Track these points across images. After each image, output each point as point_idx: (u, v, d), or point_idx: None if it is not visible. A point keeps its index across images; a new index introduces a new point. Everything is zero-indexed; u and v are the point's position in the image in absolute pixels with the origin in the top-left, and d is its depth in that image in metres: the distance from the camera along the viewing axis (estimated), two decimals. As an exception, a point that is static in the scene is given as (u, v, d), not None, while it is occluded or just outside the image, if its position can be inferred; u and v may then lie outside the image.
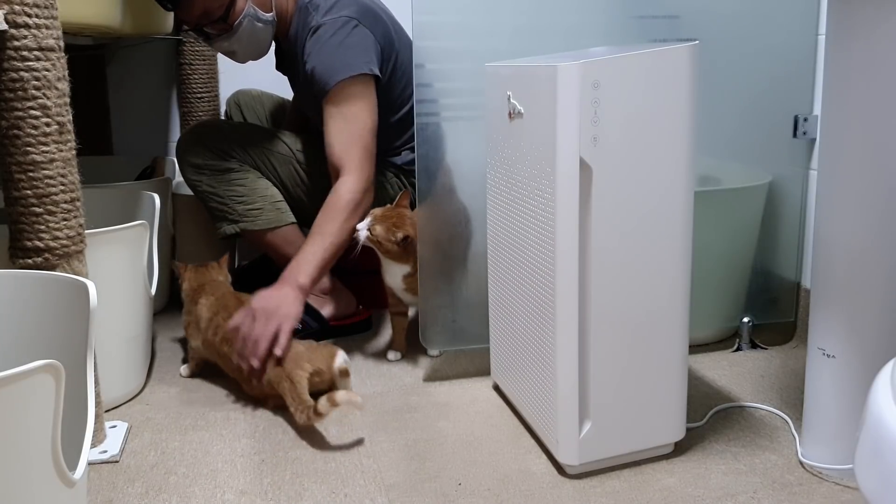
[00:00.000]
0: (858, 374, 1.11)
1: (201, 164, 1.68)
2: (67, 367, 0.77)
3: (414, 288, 1.57)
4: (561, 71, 1.06)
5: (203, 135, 1.70)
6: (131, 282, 1.45)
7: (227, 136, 1.70)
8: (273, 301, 1.39)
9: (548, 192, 1.12)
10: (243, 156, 1.70)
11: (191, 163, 1.69)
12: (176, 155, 1.73)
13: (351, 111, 1.54)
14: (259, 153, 1.72)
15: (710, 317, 1.66)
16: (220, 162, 1.68)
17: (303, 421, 1.28)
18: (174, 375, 1.58)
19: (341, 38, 1.55)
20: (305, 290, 1.45)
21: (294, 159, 1.75)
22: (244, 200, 1.69)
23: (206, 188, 1.69)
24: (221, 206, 1.70)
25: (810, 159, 1.65)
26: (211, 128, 1.73)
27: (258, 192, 1.70)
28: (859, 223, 1.08)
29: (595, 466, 1.19)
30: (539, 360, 1.21)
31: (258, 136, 1.75)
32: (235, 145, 1.70)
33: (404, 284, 1.59)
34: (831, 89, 1.10)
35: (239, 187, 1.69)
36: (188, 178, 1.71)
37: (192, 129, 1.75)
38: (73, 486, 0.81)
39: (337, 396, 1.26)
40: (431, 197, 1.49)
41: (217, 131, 1.72)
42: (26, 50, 1.08)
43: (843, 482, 1.15)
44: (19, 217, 1.14)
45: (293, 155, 1.75)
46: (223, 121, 1.76)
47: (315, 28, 1.57)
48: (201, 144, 1.69)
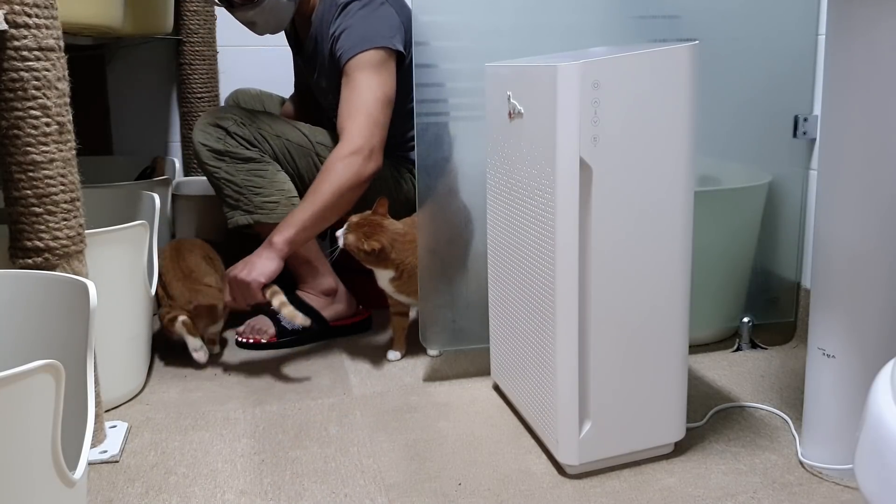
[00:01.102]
0: (858, 374, 1.11)
1: (222, 150, 1.66)
2: (67, 367, 0.77)
3: (404, 290, 1.57)
4: (561, 71, 1.06)
5: (225, 120, 1.67)
6: (131, 282, 1.45)
7: (249, 125, 1.69)
8: (246, 264, 1.51)
9: (548, 192, 1.12)
10: (264, 145, 1.69)
11: (211, 148, 1.66)
12: (194, 138, 1.69)
13: (365, 81, 1.56)
14: (280, 144, 1.72)
15: (710, 317, 1.66)
16: (241, 150, 1.67)
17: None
18: (174, 375, 1.58)
19: (368, 12, 1.59)
20: (279, 249, 1.50)
21: (314, 152, 1.75)
22: (261, 192, 1.68)
23: (225, 175, 1.67)
24: (237, 195, 1.68)
25: (810, 159, 1.65)
26: (233, 114, 1.70)
27: (276, 186, 1.69)
28: (859, 223, 1.08)
29: (595, 466, 1.19)
30: (539, 360, 1.21)
31: (279, 126, 1.75)
32: (257, 134, 1.69)
33: (392, 287, 1.58)
34: (831, 89, 1.10)
35: (258, 178, 1.68)
36: (206, 164, 1.68)
37: (212, 113, 1.71)
38: (73, 486, 0.81)
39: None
40: (432, 197, 1.49)
41: (239, 118, 1.70)
42: (26, 50, 1.08)
43: (843, 482, 1.15)
44: (19, 217, 1.14)
45: (312, 148, 1.75)
46: (243, 109, 1.75)
47: (344, 4, 1.60)
48: (223, 130, 1.66)
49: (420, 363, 1.63)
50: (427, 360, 1.64)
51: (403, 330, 1.67)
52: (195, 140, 1.69)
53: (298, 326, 1.73)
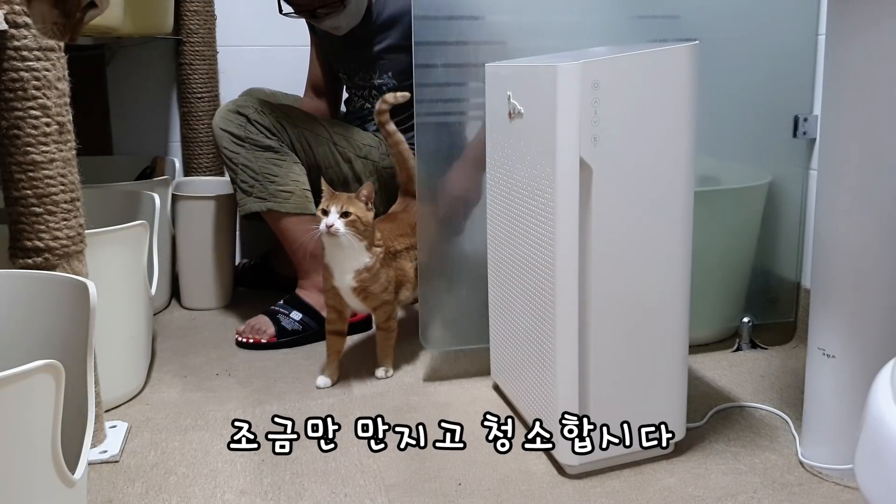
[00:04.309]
0: (858, 374, 1.11)
1: (243, 136, 1.70)
2: (67, 367, 0.77)
3: (370, 288, 1.50)
4: (561, 71, 1.06)
5: (246, 108, 1.72)
6: (131, 282, 1.45)
7: (269, 113, 1.73)
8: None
9: (548, 192, 1.12)
10: (283, 134, 1.73)
11: (232, 133, 1.70)
12: (215, 124, 1.74)
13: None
14: (298, 133, 1.75)
15: (710, 317, 1.66)
16: (261, 138, 1.71)
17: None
18: (174, 375, 1.58)
19: None
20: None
21: (331, 141, 1.80)
22: (277, 181, 1.71)
23: (244, 161, 1.71)
24: (253, 180, 1.71)
25: (810, 159, 1.65)
26: (253, 103, 1.74)
27: (291, 177, 1.73)
28: (859, 223, 1.08)
29: (595, 466, 1.19)
30: (539, 359, 1.21)
31: (297, 115, 1.79)
32: (277, 123, 1.72)
33: (356, 281, 1.48)
34: (831, 89, 1.10)
35: (275, 167, 1.71)
36: (226, 149, 1.72)
37: (233, 102, 1.76)
38: (73, 486, 0.81)
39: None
40: (432, 197, 1.49)
41: (259, 107, 1.73)
42: (26, 50, 1.08)
43: (843, 482, 1.15)
44: (19, 217, 1.14)
45: (330, 137, 1.80)
46: (263, 100, 1.78)
47: None
48: (244, 117, 1.71)
49: (420, 363, 1.63)
50: (427, 360, 1.64)
51: (339, 353, 1.56)
52: (216, 126, 1.73)
53: (298, 328, 1.74)
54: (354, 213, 1.41)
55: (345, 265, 1.47)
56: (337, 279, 1.49)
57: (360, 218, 1.41)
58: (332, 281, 1.50)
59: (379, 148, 1.84)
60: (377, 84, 1.85)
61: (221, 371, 1.60)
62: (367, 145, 1.84)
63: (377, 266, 1.48)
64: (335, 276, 1.49)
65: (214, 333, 1.81)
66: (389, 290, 1.52)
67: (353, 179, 1.83)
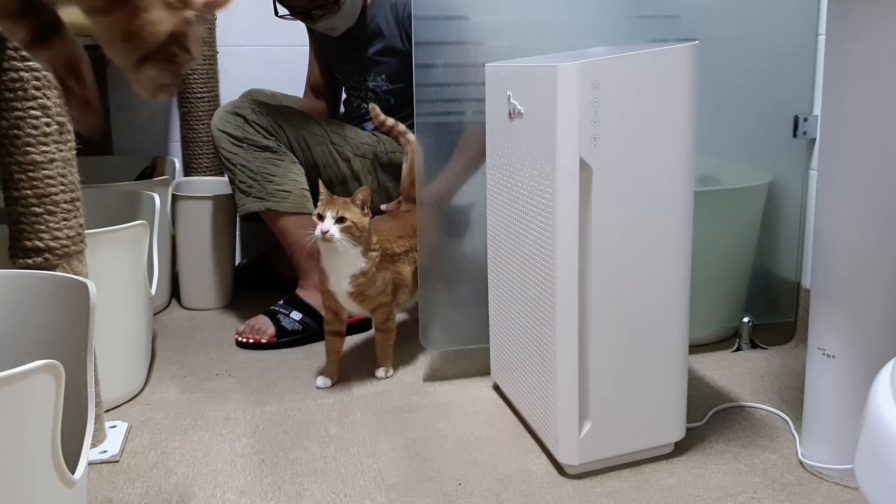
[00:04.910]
0: (858, 374, 1.11)
1: (241, 137, 1.71)
2: (67, 367, 0.77)
3: (366, 291, 1.50)
4: (561, 71, 1.06)
5: (243, 109, 1.73)
6: (131, 282, 1.45)
7: (266, 114, 1.74)
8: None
9: (548, 192, 1.12)
10: (281, 135, 1.74)
11: (230, 134, 1.71)
12: (213, 126, 1.75)
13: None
14: (296, 133, 1.76)
15: (710, 317, 1.66)
16: (259, 138, 1.72)
17: None
18: (174, 375, 1.58)
19: None
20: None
21: (328, 140, 1.80)
22: (275, 180, 1.72)
23: (242, 161, 1.72)
24: (251, 180, 1.72)
25: (810, 159, 1.65)
26: (251, 104, 1.75)
27: (289, 176, 1.73)
28: (859, 223, 1.08)
29: (595, 466, 1.19)
30: (539, 360, 1.21)
31: (295, 116, 1.80)
32: (275, 123, 1.73)
33: (353, 285, 1.48)
34: (831, 89, 1.10)
35: (273, 167, 1.72)
36: (224, 149, 1.73)
37: (230, 103, 1.78)
38: (73, 486, 0.81)
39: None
40: (431, 196, 1.49)
41: (256, 108, 1.74)
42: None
43: (843, 482, 1.15)
44: (19, 217, 1.14)
45: (328, 136, 1.81)
46: (260, 101, 1.79)
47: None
48: (242, 118, 1.72)
49: (420, 363, 1.63)
50: (427, 360, 1.64)
51: (338, 353, 1.55)
52: (214, 127, 1.74)
53: (298, 328, 1.74)
54: (350, 218, 1.40)
55: (341, 270, 1.46)
56: (333, 284, 1.48)
57: (355, 224, 1.41)
58: (328, 285, 1.49)
59: (377, 146, 1.85)
60: (371, 86, 1.85)
61: (221, 371, 1.60)
62: (364, 144, 1.84)
63: (373, 270, 1.47)
64: (331, 280, 1.48)
65: (214, 333, 1.81)
66: (386, 293, 1.52)
67: (352, 178, 1.83)
